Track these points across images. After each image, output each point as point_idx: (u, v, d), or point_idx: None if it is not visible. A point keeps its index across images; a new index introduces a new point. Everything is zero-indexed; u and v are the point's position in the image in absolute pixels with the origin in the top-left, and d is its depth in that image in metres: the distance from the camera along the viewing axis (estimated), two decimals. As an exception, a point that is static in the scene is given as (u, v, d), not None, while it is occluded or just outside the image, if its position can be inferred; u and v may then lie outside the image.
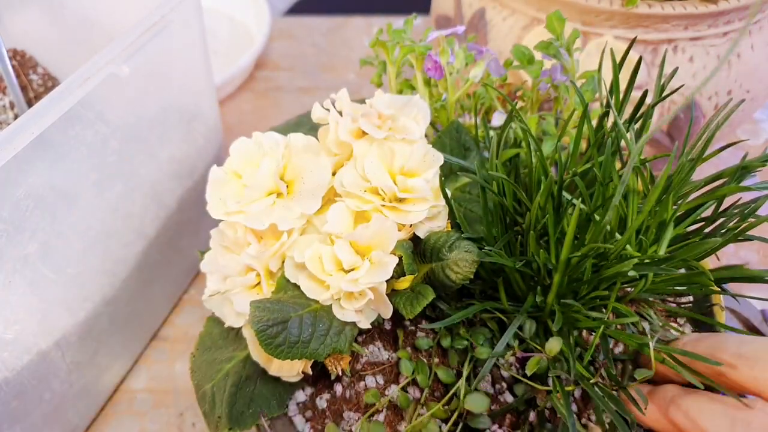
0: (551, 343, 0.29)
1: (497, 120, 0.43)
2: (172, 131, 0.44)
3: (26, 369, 0.36)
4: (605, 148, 0.31)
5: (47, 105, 0.32)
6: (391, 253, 0.31)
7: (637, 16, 0.44)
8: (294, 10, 1.08)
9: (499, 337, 0.32)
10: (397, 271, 0.31)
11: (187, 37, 0.43)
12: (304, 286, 0.31)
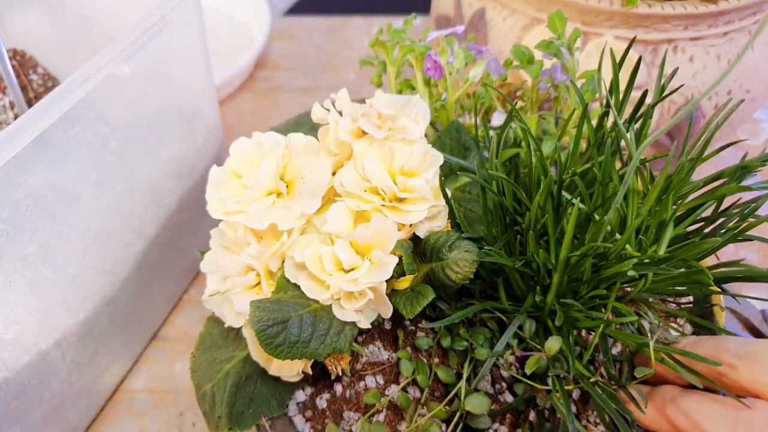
0: (551, 342, 0.29)
1: (497, 120, 0.43)
2: (172, 131, 0.44)
3: (26, 369, 0.36)
4: (605, 148, 0.31)
5: (47, 105, 0.32)
6: (391, 252, 0.31)
7: (637, 16, 0.44)
8: (294, 10, 1.08)
9: (499, 337, 0.32)
10: (397, 271, 0.31)
11: (187, 37, 0.43)
12: (304, 286, 0.31)
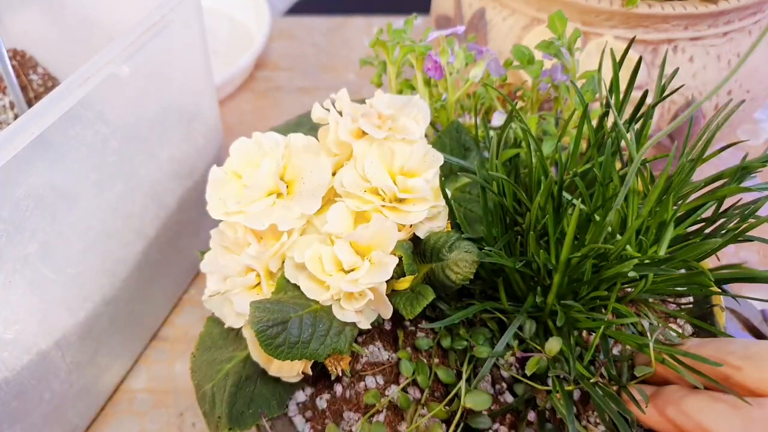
0: (551, 343, 0.29)
1: (497, 120, 0.43)
2: (172, 131, 0.44)
3: (26, 369, 0.36)
4: (605, 148, 0.31)
5: (47, 105, 0.32)
6: (391, 253, 0.31)
7: (637, 16, 0.44)
8: (294, 10, 1.08)
9: (499, 337, 0.32)
10: (397, 271, 0.31)
11: (187, 37, 0.43)
12: (304, 287, 0.31)
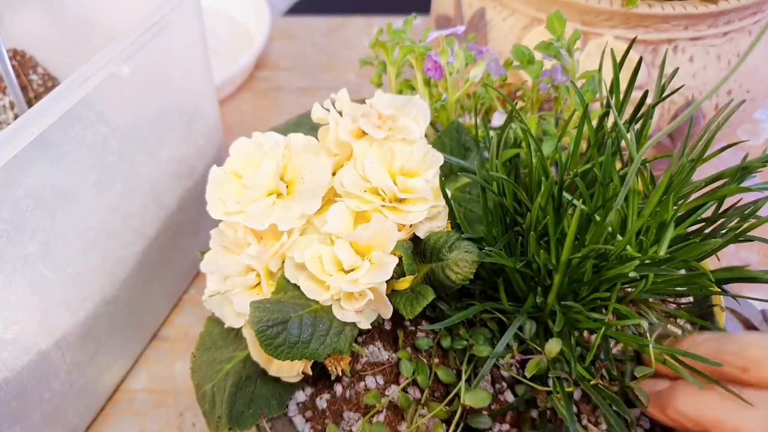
0: (551, 344, 0.29)
1: (497, 120, 0.43)
2: (172, 131, 0.44)
3: (26, 369, 0.36)
4: (605, 148, 0.31)
5: (47, 105, 0.32)
6: (391, 253, 0.31)
7: (637, 16, 0.44)
8: (294, 10, 1.08)
9: (499, 338, 0.32)
10: (397, 271, 0.31)
11: (187, 37, 0.43)
12: (304, 287, 0.31)
